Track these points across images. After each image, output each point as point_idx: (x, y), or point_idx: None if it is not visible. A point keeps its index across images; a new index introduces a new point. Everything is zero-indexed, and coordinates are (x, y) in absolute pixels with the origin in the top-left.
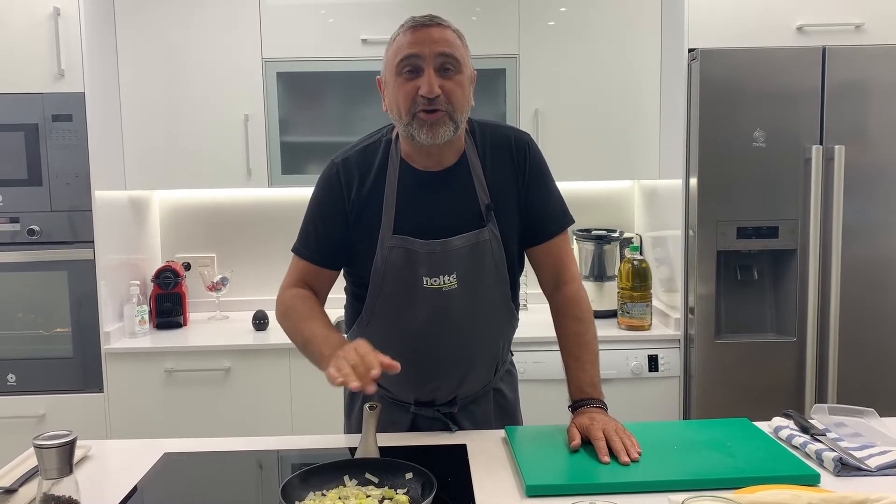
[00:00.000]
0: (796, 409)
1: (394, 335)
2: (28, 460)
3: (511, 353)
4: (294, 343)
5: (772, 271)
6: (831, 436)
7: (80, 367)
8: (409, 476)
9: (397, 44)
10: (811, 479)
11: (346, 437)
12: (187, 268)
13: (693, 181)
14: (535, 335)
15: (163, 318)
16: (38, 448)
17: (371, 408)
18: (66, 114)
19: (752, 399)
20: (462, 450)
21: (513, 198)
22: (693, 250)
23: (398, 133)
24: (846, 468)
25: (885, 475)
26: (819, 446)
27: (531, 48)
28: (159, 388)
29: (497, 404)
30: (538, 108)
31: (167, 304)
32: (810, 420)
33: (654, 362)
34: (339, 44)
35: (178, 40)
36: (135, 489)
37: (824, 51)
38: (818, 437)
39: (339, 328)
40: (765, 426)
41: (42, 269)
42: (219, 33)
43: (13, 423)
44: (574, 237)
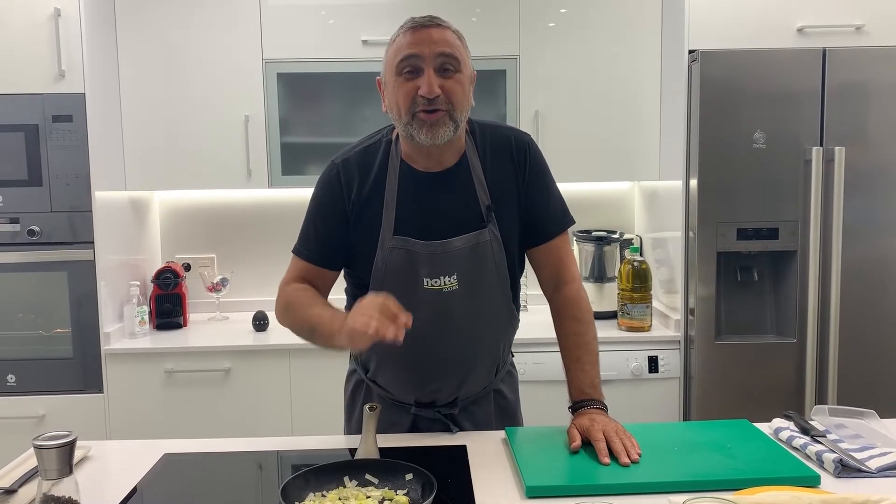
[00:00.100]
0: (796, 410)
1: None
2: (28, 461)
3: (512, 355)
4: (300, 334)
5: (772, 273)
6: (831, 437)
7: (79, 368)
8: (409, 477)
9: (397, 44)
10: (811, 481)
11: (346, 437)
12: (187, 268)
13: (693, 182)
14: (535, 336)
15: (163, 319)
16: (38, 449)
17: (371, 409)
18: (67, 114)
19: (753, 400)
20: (462, 451)
21: (513, 198)
22: (693, 251)
23: (398, 134)
24: (846, 470)
25: (885, 477)
26: (819, 448)
27: (531, 49)
28: (159, 388)
29: (498, 405)
30: (538, 109)
31: (167, 304)
32: (810, 421)
33: (654, 363)
34: (339, 45)
35: (178, 41)
36: (134, 490)
37: (824, 52)
38: (818, 438)
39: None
40: (765, 427)
41: (42, 269)
42: (219, 34)
43: (13, 423)
44: (574, 238)
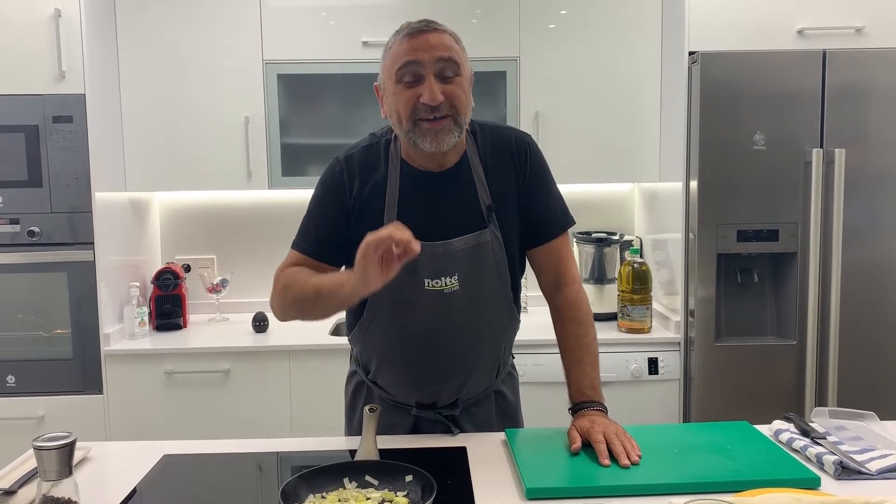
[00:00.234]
0: (796, 412)
1: (395, 337)
2: (27, 462)
3: (512, 356)
4: (303, 307)
5: (772, 274)
6: (832, 439)
7: (79, 369)
8: (409, 478)
9: (395, 51)
10: (811, 483)
11: (345, 439)
12: (187, 269)
13: (693, 184)
14: (534, 337)
15: (162, 320)
16: (38, 450)
17: (371, 410)
18: (67, 115)
19: (753, 402)
20: (462, 452)
21: (514, 199)
22: (693, 253)
23: (397, 134)
24: (847, 472)
25: (885, 479)
26: (819, 450)
27: (532, 50)
28: (159, 389)
29: (498, 407)
30: (538, 110)
31: (167, 305)
32: (811, 423)
33: (654, 365)
34: (339, 46)
35: (178, 42)
36: (134, 491)
37: (825, 54)
38: (818, 440)
39: (339, 330)
40: (765, 429)
41: (42, 270)
42: (219, 35)
43: (12, 424)
44: (574, 240)
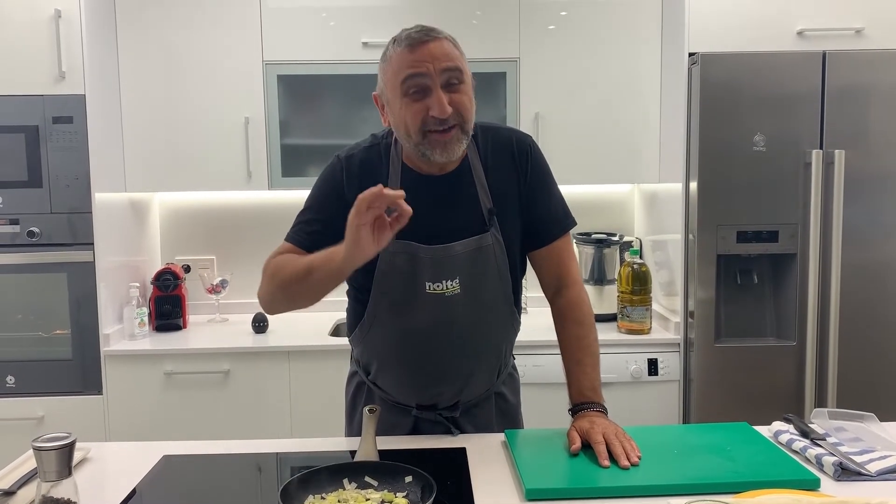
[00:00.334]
0: (796, 413)
1: (396, 340)
2: (27, 462)
3: (513, 357)
4: (294, 289)
5: (772, 275)
6: (831, 440)
7: (79, 369)
8: (408, 479)
9: (397, 63)
10: (811, 484)
11: (345, 440)
12: (187, 270)
13: (693, 185)
14: (534, 339)
15: (162, 321)
16: (37, 450)
17: (371, 411)
18: (67, 116)
19: (752, 403)
20: (462, 453)
21: (515, 200)
22: (693, 254)
23: (404, 145)
24: (846, 473)
25: (885, 480)
26: (819, 451)
27: (532, 52)
28: (158, 390)
29: (499, 408)
30: (538, 111)
31: (167, 306)
32: (810, 424)
33: (653, 366)
34: (339, 47)
35: (178, 43)
36: (134, 492)
37: (824, 55)
38: (818, 441)
39: (339, 331)
40: (765, 430)
41: (42, 270)
42: (219, 35)
43: (12, 424)
44: (574, 240)
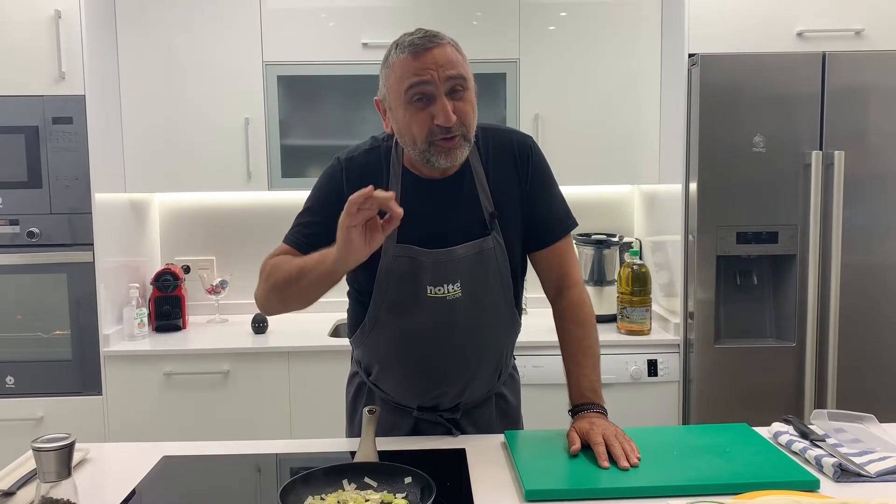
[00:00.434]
0: (796, 414)
1: (397, 342)
2: (26, 463)
3: (513, 358)
4: (289, 291)
5: (771, 276)
6: (831, 441)
7: (78, 370)
8: (408, 480)
9: (400, 70)
10: (810, 485)
11: (345, 440)
12: (187, 271)
13: (693, 186)
14: (534, 339)
15: (162, 321)
16: (37, 451)
17: (370, 412)
18: (67, 116)
19: (752, 404)
20: (461, 454)
21: (516, 202)
22: (693, 255)
23: (407, 151)
24: (846, 474)
25: (884, 481)
26: (818, 452)
27: (532, 53)
28: (158, 390)
29: (500, 409)
30: (538, 112)
31: (166, 306)
32: (810, 425)
33: (653, 367)
34: (339, 47)
35: (178, 43)
36: (133, 492)
37: (824, 56)
38: (818, 442)
39: (339, 331)
40: (764, 431)
41: (41, 271)
42: (219, 36)
43: (11, 425)
44: (574, 241)
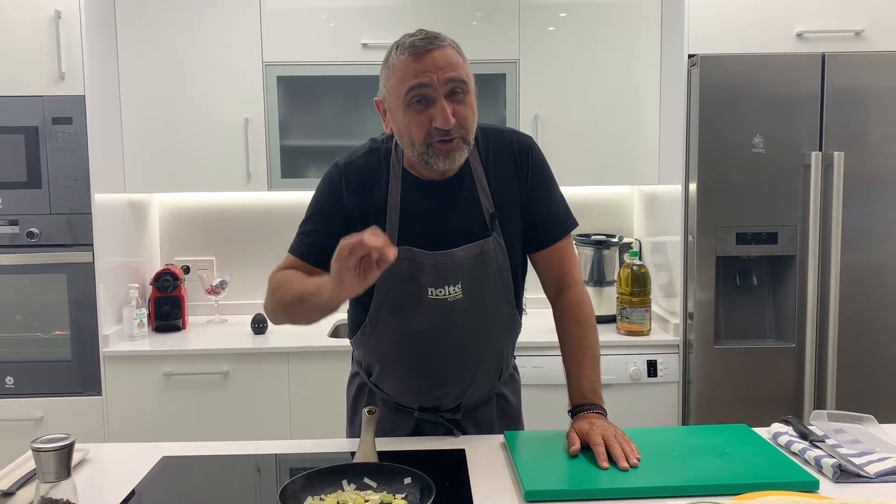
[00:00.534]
0: (795, 415)
1: (398, 344)
2: (26, 463)
3: (514, 358)
4: (291, 313)
5: (771, 277)
6: (830, 442)
7: (78, 370)
8: (407, 481)
9: (400, 71)
10: (810, 486)
11: (344, 441)
12: (186, 271)
13: (692, 186)
14: (534, 339)
15: (161, 322)
16: (36, 451)
17: (370, 412)
18: (67, 116)
19: (751, 405)
20: (461, 455)
21: (516, 203)
22: (692, 256)
23: (406, 152)
24: (845, 475)
25: (884, 482)
26: (818, 453)
27: (531, 53)
28: (158, 391)
29: (500, 409)
30: (538, 113)
31: (166, 307)
32: (809, 426)
33: (652, 368)
34: (339, 48)
35: (178, 43)
36: (133, 493)
37: (824, 57)
38: (817, 443)
39: (338, 332)
40: (763, 432)
41: (41, 271)
42: (219, 37)
43: (11, 425)
44: (573, 242)
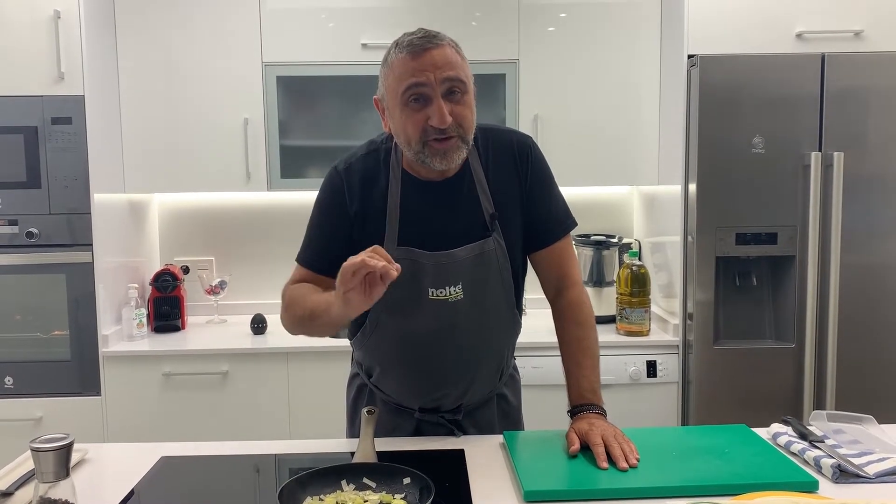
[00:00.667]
0: (794, 415)
1: (399, 345)
2: (25, 463)
3: (514, 358)
4: (304, 327)
5: (770, 278)
6: (830, 442)
7: (77, 370)
8: (406, 481)
9: (398, 70)
10: (809, 486)
11: (344, 441)
12: (186, 271)
13: (692, 187)
14: (534, 340)
15: (161, 322)
16: (35, 451)
17: (369, 412)
18: (66, 116)
19: (751, 405)
20: (461, 455)
21: (516, 203)
22: (692, 256)
23: (404, 152)
24: (844, 475)
25: (883, 482)
26: (817, 453)
27: (531, 53)
28: (157, 391)
29: (501, 409)
30: (538, 113)
31: (165, 307)
32: (809, 427)
33: (652, 368)
34: (339, 48)
35: (178, 43)
36: (132, 493)
37: (823, 58)
38: (816, 443)
39: (340, 333)
40: (763, 432)
41: (40, 271)
42: (219, 37)
43: (10, 425)
44: (573, 242)
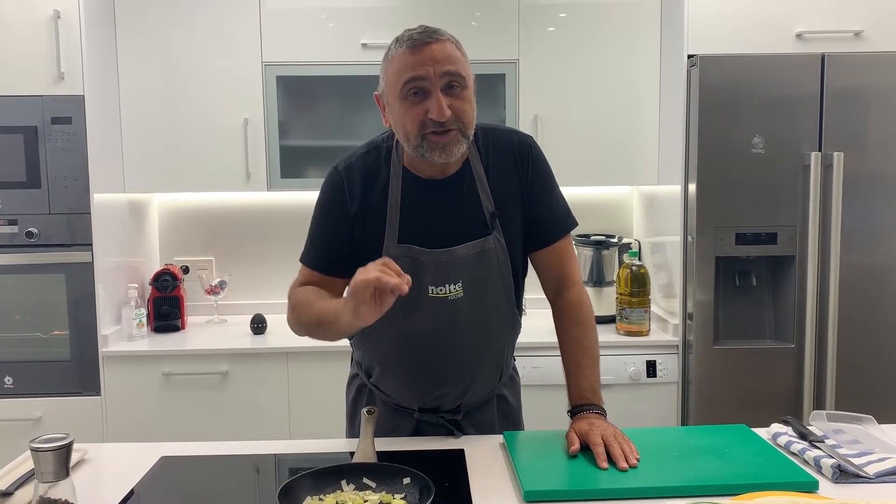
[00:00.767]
0: (794, 415)
1: (398, 343)
2: (24, 463)
3: (513, 359)
4: (311, 332)
5: (770, 278)
6: (829, 442)
7: (77, 370)
8: (406, 481)
9: (398, 64)
10: (809, 486)
11: (343, 441)
12: (186, 271)
13: (692, 187)
14: (534, 340)
15: (161, 322)
16: (35, 451)
17: (369, 412)
18: (66, 116)
19: (751, 405)
20: (461, 455)
21: (517, 202)
22: (692, 256)
23: (398, 141)
24: (844, 475)
25: (883, 482)
26: (817, 453)
27: (531, 53)
28: (157, 391)
29: (501, 410)
30: (538, 113)
31: (165, 307)
32: (809, 427)
33: (652, 368)
34: (339, 48)
35: (178, 43)
36: (132, 493)
37: (823, 58)
38: (816, 443)
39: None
40: (763, 433)
41: (40, 271)
42: (219, 37)
43: (10, 425)
44: (573, 242)
